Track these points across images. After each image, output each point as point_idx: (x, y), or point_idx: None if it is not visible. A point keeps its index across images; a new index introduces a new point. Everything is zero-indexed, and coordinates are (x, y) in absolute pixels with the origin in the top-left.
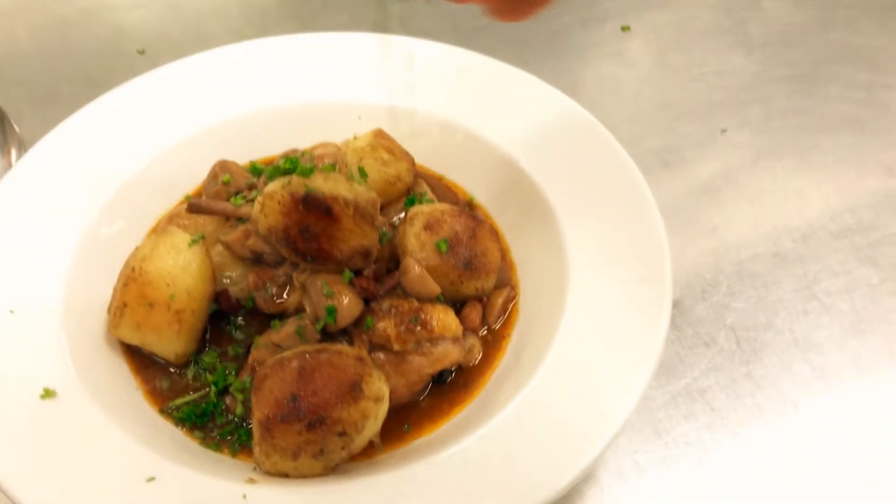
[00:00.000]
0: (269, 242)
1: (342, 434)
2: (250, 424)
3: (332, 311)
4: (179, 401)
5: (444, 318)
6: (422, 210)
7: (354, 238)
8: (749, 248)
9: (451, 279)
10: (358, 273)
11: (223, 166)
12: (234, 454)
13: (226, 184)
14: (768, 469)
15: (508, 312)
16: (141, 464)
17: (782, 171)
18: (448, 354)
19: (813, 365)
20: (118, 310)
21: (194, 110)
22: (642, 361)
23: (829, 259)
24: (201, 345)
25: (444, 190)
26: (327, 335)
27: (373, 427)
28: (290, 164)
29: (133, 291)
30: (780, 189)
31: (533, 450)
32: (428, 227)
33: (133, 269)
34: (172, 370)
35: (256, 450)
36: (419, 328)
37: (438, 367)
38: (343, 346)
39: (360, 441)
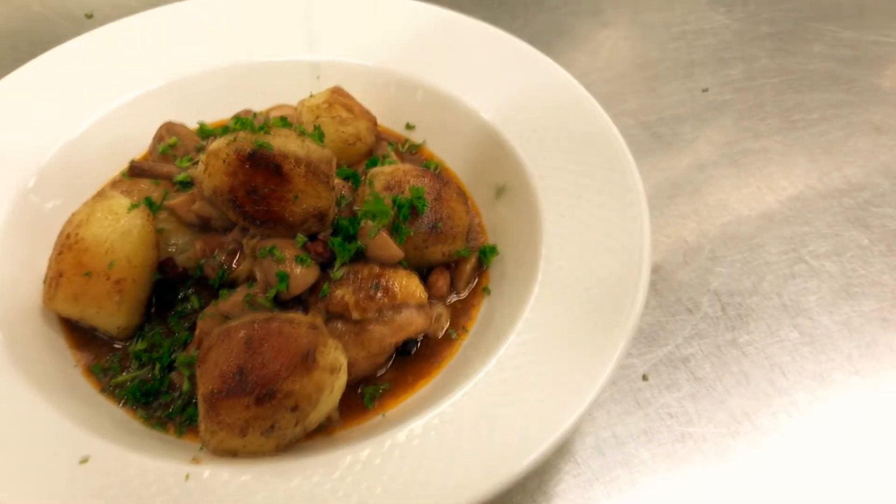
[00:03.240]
0: (215, 205)
1: (294, 408)
2: (197, 401)
3: (284, 278)
4: (121, 378)
5: (406, 284)
6: (382, 170)
7: (307, 199)
8: (733, 211)
9: (415, 243)
10: (312, 237)
11: (169, 128)
12: (180, 434)
13: (172, 147)
14: (756, 440)
15: (478, 279)
16: (74, 444)
17: (766, 131)
18: (412, 322)
19: (801, 330)
20: (53, 280)
21: (140, 71)
22: (617, 330)
23: (816, 221)
24: (145, 317)
25: (411, 155)
26: (280, 304)
27: (329, 401)
28: (242, 126)
29: (69, 260)
30: (764, 149)
31: (502, 424)
32: (389, 188)
33: (68, 236)
34: (114, 345)
35: (202, 427)
36: (380, 295)
37: (402, 337)
38: (295, 315)
39: (315, 416)
